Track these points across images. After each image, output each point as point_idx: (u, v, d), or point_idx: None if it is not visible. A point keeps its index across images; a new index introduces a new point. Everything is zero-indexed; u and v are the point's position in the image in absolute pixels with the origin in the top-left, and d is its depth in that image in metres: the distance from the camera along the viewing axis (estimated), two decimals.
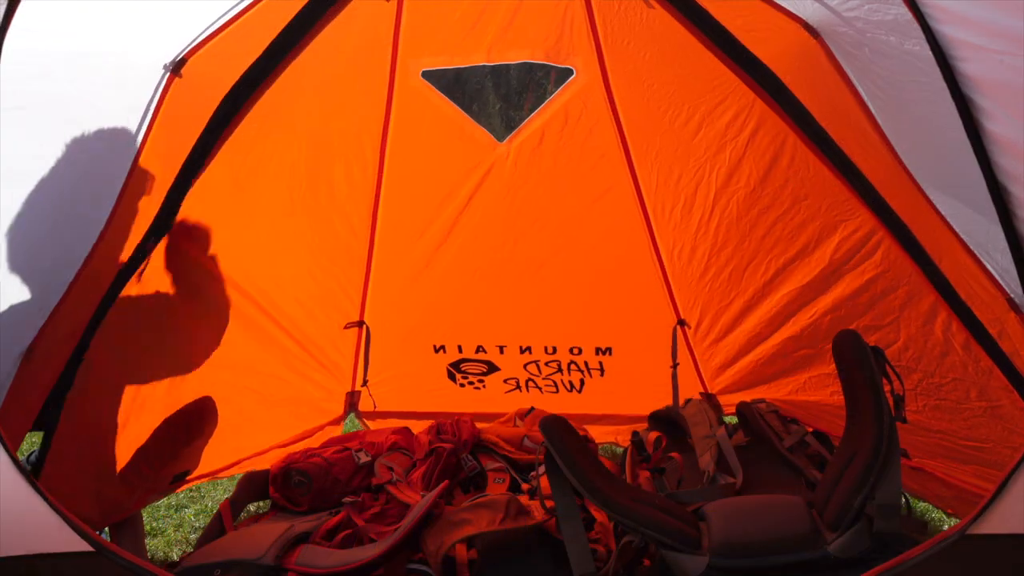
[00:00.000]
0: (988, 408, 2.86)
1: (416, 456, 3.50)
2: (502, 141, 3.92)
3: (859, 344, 2.61)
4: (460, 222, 4.07)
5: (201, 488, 3.83)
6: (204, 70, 2.91)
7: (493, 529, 2.74)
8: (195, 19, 2.90)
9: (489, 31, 3.63)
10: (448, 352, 4.30)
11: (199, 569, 2.62)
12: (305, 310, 4.00)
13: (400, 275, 4.21)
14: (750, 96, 3.00)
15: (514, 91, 6.66)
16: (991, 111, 2.06)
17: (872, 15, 2.45)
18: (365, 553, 2.67)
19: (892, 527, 2.39)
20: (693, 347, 4.21)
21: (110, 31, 2.67)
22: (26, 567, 2.19)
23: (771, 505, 2.63)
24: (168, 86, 2.88)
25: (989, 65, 2.03)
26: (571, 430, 2.70)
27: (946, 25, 2.05)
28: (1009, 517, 2.11)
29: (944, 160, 2.42)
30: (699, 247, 3.91)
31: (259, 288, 3.71)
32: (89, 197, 2.69)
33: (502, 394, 4.33)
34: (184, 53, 2.91)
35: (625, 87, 3.69)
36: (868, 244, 3.30)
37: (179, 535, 3.41)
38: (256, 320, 3.71)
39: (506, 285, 4.21)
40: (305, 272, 3.99)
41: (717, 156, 3.64)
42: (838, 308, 3.49)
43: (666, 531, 2.49)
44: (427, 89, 3.80)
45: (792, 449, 3.25)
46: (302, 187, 3.78)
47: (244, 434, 3.68)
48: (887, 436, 2.41)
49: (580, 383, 4.31)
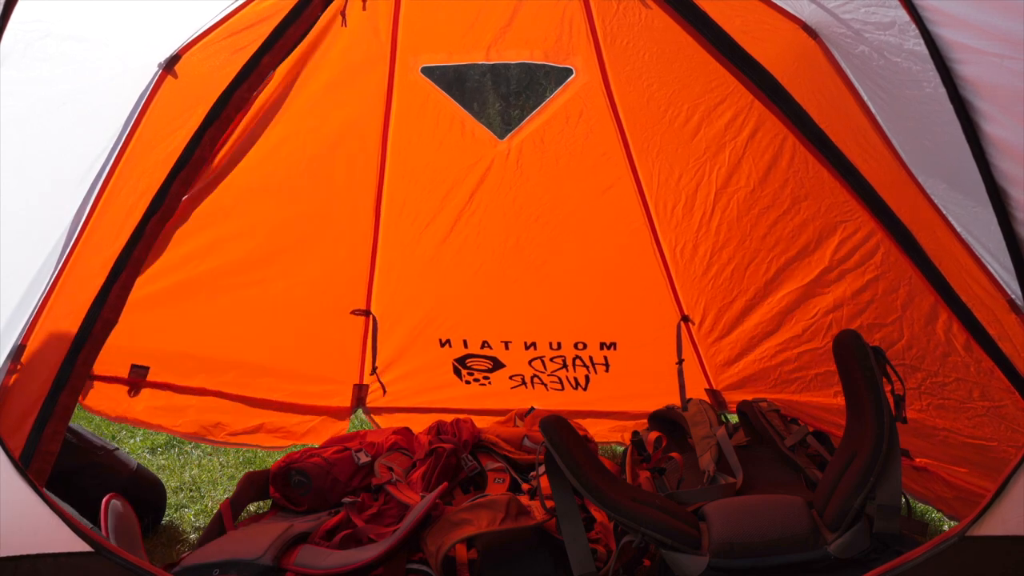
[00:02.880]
0: (991, 408, 2.86)
1: (416, 456, 3.50)
2: (502, 139, 3.92)
3: (860, 344, 2.61)
4: (463, 218, 4.07)
5: (201, 488, 3.84)
6: (197, 67, 2.91)
7: (493, 529, 2.74)
8: (192, 17, 2.90)
9: (488, 31, 3.63)
10: (454, 346, 4.30)
11: (198, 569, 2.63)
12: (309, 303, 4.03)
13: (405, 270, 4.22)
14: (749, 97, 2.99)
15: (513, 90, 6.67)
16: (989, 114, 2.06)
17: (869, 17, 2.45)
18: (365, 554, 2.68)
19: (892, 527, 2.39)
20: (697, 343, 4.21)
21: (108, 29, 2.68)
22: (26, 567, 2.19)
23: (771, 505, 2.64)
24: (160, 83, 2.88)
25: (988, 68, 2.03)
26: (571, 430, 2.71)
27: (944, 28, 2.06)
28: (1009, 519, 2.11)
29: (944, 160, 2.41)
30: (701, 245, 3.92)
31: (263, 278, 3.79)
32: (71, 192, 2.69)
33: (508, 390, 4.33)
34: (178, 50, 2.92)
35: (625, 87, 3.69)
36: (868, 244, 3.30)
37: (179, 535, 3.41)
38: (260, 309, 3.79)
39: (510, 280, 4.22)
40: (309, 267, 4.02)
41: (717, 156, 3.65)
42: (839, 307, 3.49)
43: (666, 531, 2.49)
44: (427, 85, 3.81)
45: (793, 448, 3.25)
46: (304, 180, 3.81)
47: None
48: (887, 436, 2.41)
49: (585, 380, 4.30)
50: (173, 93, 2.89)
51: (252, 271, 3.93)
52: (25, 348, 2.53)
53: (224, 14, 2.91)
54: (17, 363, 2.49)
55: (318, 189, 3.91)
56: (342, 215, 4.04)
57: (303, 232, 3.96)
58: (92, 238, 2.69)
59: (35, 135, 2.54)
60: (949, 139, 2.16)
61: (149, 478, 3.56)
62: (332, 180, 3.94)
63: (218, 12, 2.90)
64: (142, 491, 3.45)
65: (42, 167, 2.61)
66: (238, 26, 2.85)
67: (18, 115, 2.37)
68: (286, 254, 3.97)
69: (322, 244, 4.04)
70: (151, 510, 3.47)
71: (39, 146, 2.57)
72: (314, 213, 3.96)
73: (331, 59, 3.50)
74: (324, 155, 3.86)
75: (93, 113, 2.76)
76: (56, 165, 2.66)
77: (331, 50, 3.45)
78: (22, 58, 2.33)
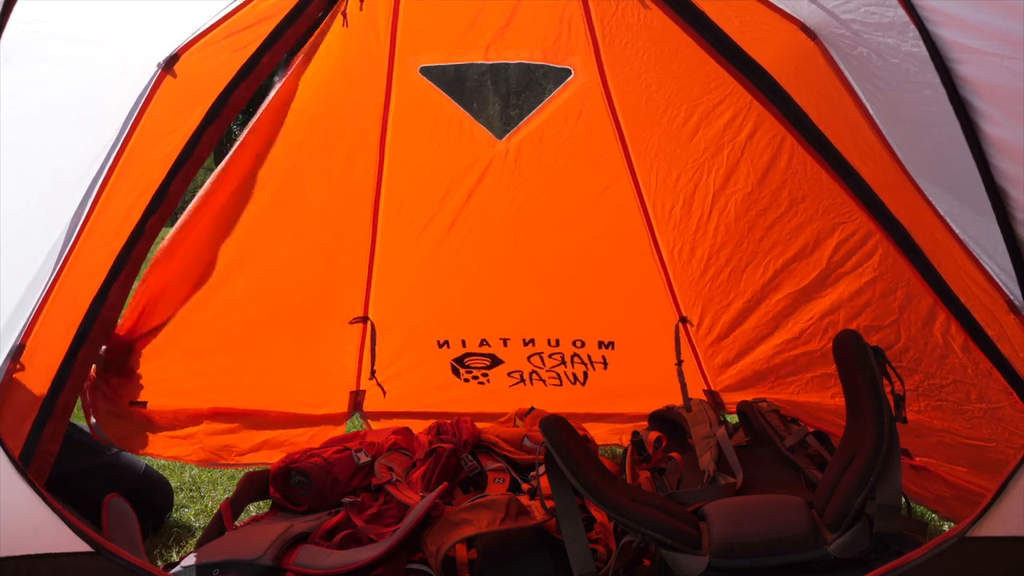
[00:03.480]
0: (988, 410, 2.86)
1: (416, 456, 3.50)
2: (501, 139, 3.92)
3: (860, 344, 2.61)
4: (461, 217, 4.08)
5: (201, 488, 3.84)
6: (196, 66, 2.91)
7: (493, 529, 2.74)
8: (191, 17, 2.90)
9: (487, 31, 3.64)
10: (452, 347, 4.30)
11: (198, 569, 2.62)
12: (307, 306, 4.02)
13: (403, 270, 4.22)
14: (747, 98, 3.00)
15: (512, 90, 6.68)
16: (989, 114, 2.07)
17: (869, 17, 2.45)
18: (365, 554, 2.68)
19: (892, 527, 2.40)
20: (695, 345, 4.22)
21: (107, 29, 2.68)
22: (26, 567, 2.19)
23: (771, 505, 2.64)
24: (159, 82, 2.88)
25: (987, 68, 2.03)
26: (571, 430, 2.71)
27: (943, 28, 2.06)
28: (1009, 519, 2.11)
29: (943, 161, 2.42)
30: (698, 247, 3.92)
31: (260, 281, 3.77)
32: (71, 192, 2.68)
33: (506, 388, 4.33)
34: (177, 50, 2.91)
35: (623, 88, 3.70)
36: (866, 247, 3.31)
37: (179, 535, 3.40)
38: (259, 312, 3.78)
39: (508, 280, 4.22)
40: (306, 267, 4.01)
41: (715, 157, 3.65)
42: (837, 309, 3.49)
43: (666, 531, 2.49)
44: (426, 85, 3.81)
45: (792, 449, 3.25)
46: (302, 181, 3.80)
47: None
48: (887, 436, 2.42)
49: (584, 375, 4.31)
50: (172, 93, 2.88)
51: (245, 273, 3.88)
52: (25, 348, 2.52)
53: (223, 14, 2.91)
54: (17, 363, 2.48)
55: (316, 190, 3.89)
56: (340, 215, 4.03)
57: (301, 233, 3.94)
58: (92, 237, 2.69)
59: (35, 135, 2.53)
60: (948, 139, 2.16)
61: (157, 479, 3.57)
62: (330, 181, 3.92)
63: (217, 12, 2.90)
64: (151, 493, 3.48)
65: (42, 167, 2.60)
66: (238, 26, 2.85)
67: (18, 115, 2.36)
68: (282, 256, 3.93)
69: (320, 245, 4.02)
70: (159, 511, 3.49)
71: (39, 146, 2.56)
72: (311, 214, 3.94)
73: (330, 59, 3.50)
74: (322, 155, 3.84)
75: (92, 113, 2.75)
76: (56, 165, 2.65)
77: (330, 50, 3.46)
78: (22, 59, 2.32)
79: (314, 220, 3.95)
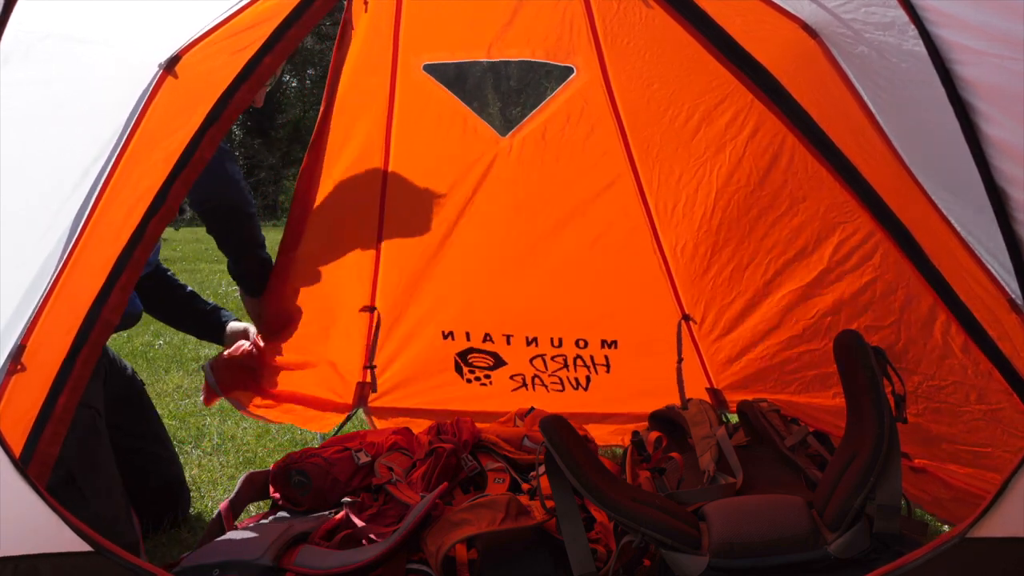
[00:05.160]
0: (988, 411, 2.86)
1: (416, 456, 3.50)
2: (504, 136, 3.93)
3: (860, 344, 2.61)
4: (466, 213, 4.09)
5: (201, 488, 3.84)
6: (197, 67, 2.91)
7: (493, 529, 2.73)
8: (193, 18, 2.90)
9: (489, 29, 3.65)
10: (456, 339, 4.31)
11: (198, 569, 2.63)
12: (314, 296, 4.03)
13: (409, 264, 4.24)
14: (749, 96, 3.00)
15: (515, 88, 6.68)
16: (989, 114, 2.05)
17: (869, 17, 2.45)
18: (365, 554, 2.68)
19: (892, 528, 2.39)
20: (698, 342, 4.22)
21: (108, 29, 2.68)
22: (26, 567, 2.19)
23: (771, 505, 2.63)
24: (160, 83, 2.88)
25: (987, 69, 2.02)
26: (571, 430, 2.71)
27: (943, 28, 2.05)
28: (1009, 520, 2.10)
29: (944, 161, 2.41)
30: (701, 245, 3.92)
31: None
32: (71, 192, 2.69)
33: (508, 392, 4.34)
34: (179, 50, 2.91)
35: (625, 86, 3.70)
36: (866, 246, 3.30)
37: (179, 535, 3.41)
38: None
39: (512, 275, 4.24)
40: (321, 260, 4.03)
41: (717, 156, 3.65)
42: (838, 309, 3.49)
43: (666, 531, 2.49)
44: (429, 82, 3.83)
45: (793, 449, 3.25)
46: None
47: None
48: (888, 436, 2.41)
49: (586, 380, 4.31)
50: (174, 93, 2.88)
51: None
52: (25, 348, 2.52)
53: (226, 15, 2.91)
54: (17, 363, 2.48)
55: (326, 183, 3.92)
56: (347, 211, 4.05)
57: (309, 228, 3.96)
58: (92, 238, 2.69)
59: (35, 135, 2.54)
60: (948, 140, 2.15)
61: (182, 478, 3.65)
62: (339, 173, 3.94)
63: (220, 13, 2.90)
64: (182, 490, 3.58)
65: (42, 167, 2.61)
66: (239, 27, 2.85)
67: (18, 115, 2.37)
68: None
69: (328, 240, 4.03)
70: (179, 510, 3.54)
71: (39, 146, 2.57)
72: (319, 209, 3.95)
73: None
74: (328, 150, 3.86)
75: (93, 113, 2.75)
76: (56, 165, 2.66)
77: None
78: (22, 59, 2.33)
79: (323, 209, 3.96)
